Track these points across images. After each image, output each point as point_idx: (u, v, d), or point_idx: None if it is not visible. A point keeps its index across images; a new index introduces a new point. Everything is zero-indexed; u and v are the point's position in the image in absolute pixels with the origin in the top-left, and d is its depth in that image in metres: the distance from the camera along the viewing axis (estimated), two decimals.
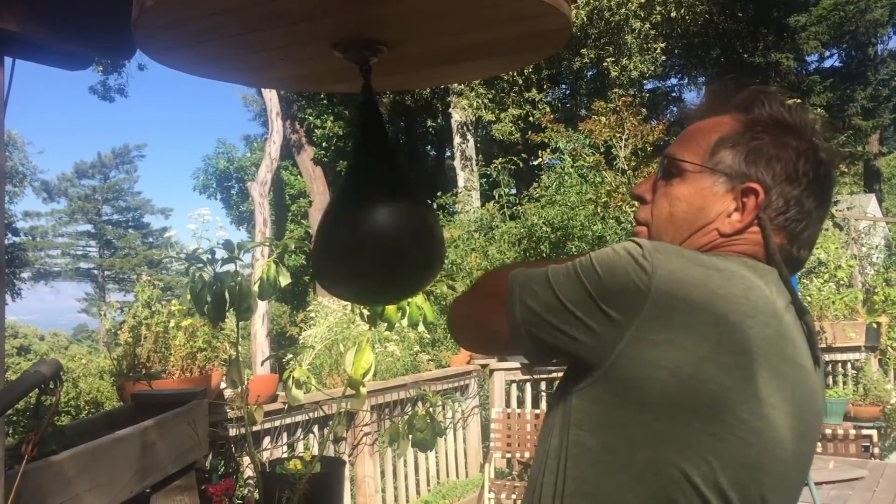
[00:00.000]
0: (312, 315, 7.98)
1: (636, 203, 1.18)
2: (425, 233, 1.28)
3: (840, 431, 5.36)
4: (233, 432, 4.03)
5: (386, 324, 3.55)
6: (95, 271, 45.35)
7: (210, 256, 3.27)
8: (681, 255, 0.98)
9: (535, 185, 10.31)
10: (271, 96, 13.80)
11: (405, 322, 3.51)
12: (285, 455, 4.45)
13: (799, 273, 1.21)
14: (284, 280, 3.41)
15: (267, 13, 1.02)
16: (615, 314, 0.94)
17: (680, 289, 0.93)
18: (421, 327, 3.57)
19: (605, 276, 0.95)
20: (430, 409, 3.98)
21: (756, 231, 1.06)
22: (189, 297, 3.27)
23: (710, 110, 1.15)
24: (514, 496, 5.14)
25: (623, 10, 14.22)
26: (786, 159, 1.06)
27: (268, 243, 5.72)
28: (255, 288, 3.40)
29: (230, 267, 3.31)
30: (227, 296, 3.24)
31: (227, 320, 3.53)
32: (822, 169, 1.07)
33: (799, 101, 1.15)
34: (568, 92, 18.85)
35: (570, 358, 1.00)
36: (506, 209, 10.63)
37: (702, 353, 0.92)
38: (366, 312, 3.51)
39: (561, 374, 1.09)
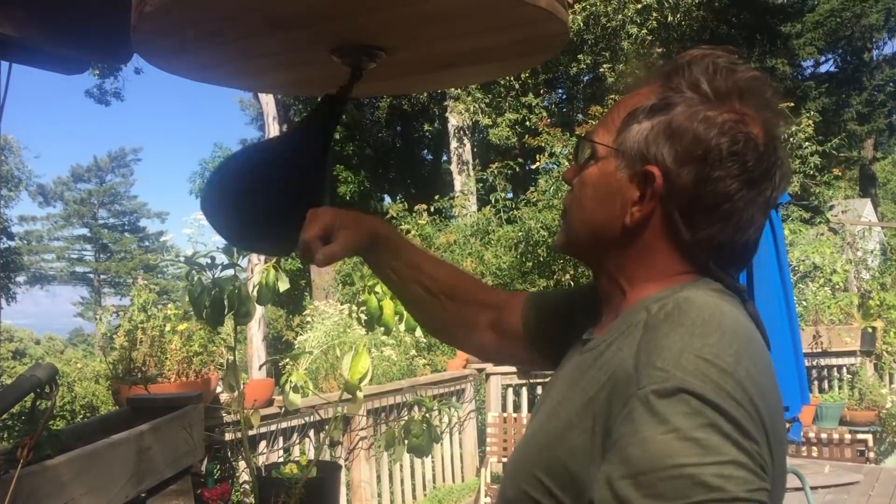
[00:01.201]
0: (308, 319, 7.98)
1: None
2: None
3: (835, 436, 5.37)
4: (228, 436, 4.03)
5: (383, 328, 3.56)
6: (91, 275, 45.29)
7: (210, 261, 3.27)
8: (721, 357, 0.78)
9: (532, 189, 10.32)
10: (268, 100, 13.80)
11: (402, 327, 3.51)
12: (281, 459, 4.45)
13: (794, 277, 1.05)
14: (283, 285, 3.42)
15: (265, 19, 1.02)
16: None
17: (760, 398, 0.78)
18: (418, 332, 3.58)
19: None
20: (427, 415, 3.99)
21: (664, 227, 0.91)
22: (187, 300, 3.27)
23: (641, 81, 0.98)
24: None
25: (619, 15, 14.26)
26: (696, 134, 0.88)
27: None
28: (254, 293, 3.41)
29: (229, 272, 3.31)
30: (225, 300, 3.24)
31: (223, 325, 3.53)
32: (749, 143, 0.88)
33: (738, 55, 0.93)
34: (564, 97, 18.88)
35: None
36: (502, 214, 10.64)
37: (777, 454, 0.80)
38: (363, 317, 3.51)
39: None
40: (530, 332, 1.25)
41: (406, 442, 3.77)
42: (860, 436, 5.40)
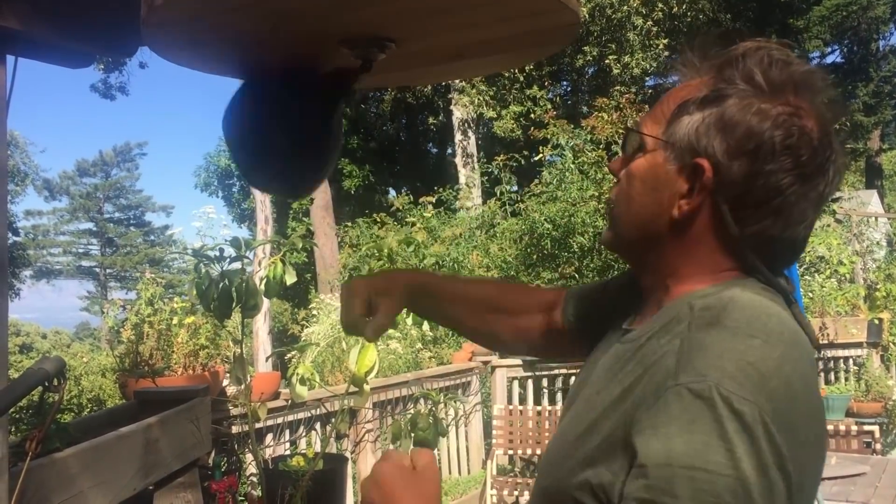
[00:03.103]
0: (314, 312, 7.99)
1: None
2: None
3: (842, 427, 5.36)
4: (235, 429, 4.04)
5: None
6: (97, 269, 45.42)
7: (218, 253, 3.27)
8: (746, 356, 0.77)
9: (537, 181, 10.31)
10: None
11: (409, 321, 3.52)
12: (288, 452, 4.46)
13: (800, 269, 1.00)
14: (290, 278, 3.42)
15: (275, 10, 1.02)
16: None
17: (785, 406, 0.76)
18: (425, 325, 3.58)
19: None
20: (433, 408, 3.99)
21: (713, 221, 0.89)
22: (195, 293, 3.27)
23: (693, 69, 0.95)
24: (516, 492, 5.15)
25: (625, 6, 14.21)
26: (749, 126, 0.85)
27: (274, 241, 5.71)
28: (262, 286, 3.41)
29: (237, 265, 3.32)
30: (233, 293, 3.24)
31: (231, 318, 3.54)
32: (803, 137, 0.86)
33: (794, 49, 0.93)
34: (569, 89, 18.84)
35: None
36: (507, 206, 10.63)
37: (811, 460, 0.80)
38: None
39: (563, 370, 1.05)
40: (571, 325, 1.25)
41: (412, 435, 3.78)
42: (867, 427, 5.38)
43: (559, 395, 6.53)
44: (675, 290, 0.93)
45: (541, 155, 10.89)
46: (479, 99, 14.87)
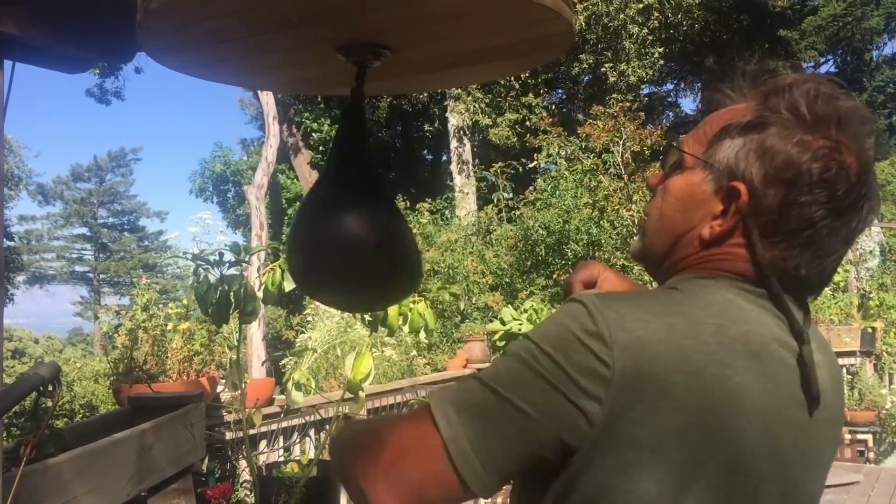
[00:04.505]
0: (309, 319, 7.98)
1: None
2: (395, 239, 1.27)
3: None
4: (229, 435, 4.03)
5: (386, 329, 3.56)
6: (90, 275, 45.28)
7: (217, 258, 3.27)
8: (637, 306, 0.84)
9: (532, 188, 10.33)
10: (268, 100, 13.81)
11: (406, 328, 3.52)
12: (282, 458, 4.45)
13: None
14: (289, 285, 3.42)
15: (272, 16, 1.03)
16: (592, 388, 0.79)
17: (646, 351, 0.80)
18: (421, 333, 3.58)
19: (559, 358, 0.80)
20: None
21: (743, 242, 0.90)
22: (193, 297, 3.27)
23: (740, 95, 0.97)
24: (508, 500, 5.14)
25: (621, 15, 14.27)
26: (788, 156, 0.87)
27: (273, 247, 5.71)
28: (259, 291, 3.40)
29: (235, 270, 3.31)
30: (232, 298, 3.23)
31: (228, 322, 3.53)
32: (841, 172, 0.87)
33: (842, 86, 0.93)
34: (565, 96, 18.89)
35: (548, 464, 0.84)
36: (503, 213, 10.64)
37: (682, 424, 0.80)
38: (367, 318, 3.51)
39: None
40: None
41: None
42: (860, 436, 5.41)
43: None
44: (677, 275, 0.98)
45: (535, 162, 10.92)
46: (474, 106, 14.90)
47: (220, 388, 4.17)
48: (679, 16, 15.10)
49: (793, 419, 0.87)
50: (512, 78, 14.31)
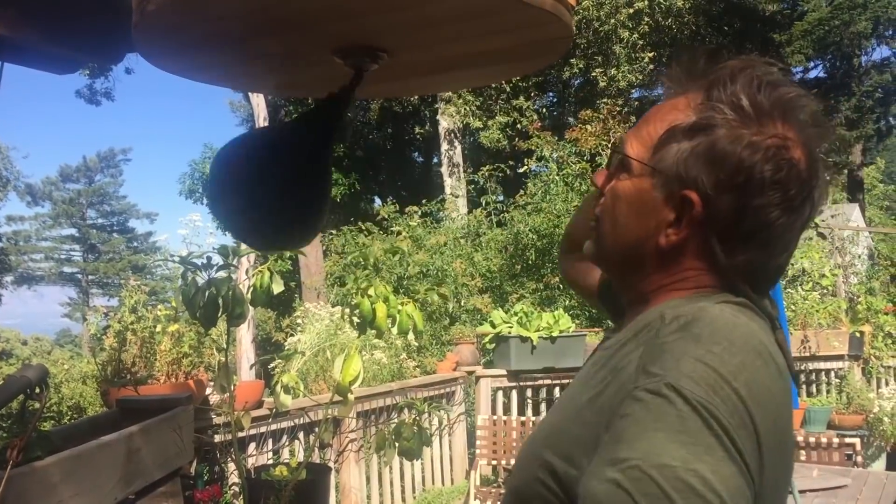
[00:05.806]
0: (299, 321, 7.95)
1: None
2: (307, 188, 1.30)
3: (823, 440, 5.39)
4: (218, 438, 4.01)
5: (375, 331, 3.55)
6: (79, 276, 45.04)
7: (206, 261, 3.26)
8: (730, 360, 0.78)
9: (522, 192, 10.33)
10: (258, 102, 13.76)
11: (395, 330, 3.51)
12: (271, 461, 4.43)
13: (783, 282, 0.99)
14: (278, 287, 3.41)
15: (267, 19, 1.02)
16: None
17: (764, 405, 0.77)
18: (410, 335, 3.58)
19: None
20: (417, 418, 3.98)
21: (702, 250, 0.89)
22: (181, 300, 3.25)
23: (679, 84, 0.94)
24: (499, 503, 5.14)
25: (612, 20, 14.30)
26: (739, 160, 0.85)
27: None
28: (248, 294, 3.39)
29: (224, 273, 3.30)
30: (220, 301, 3.22)
31: (217, 325, 3.52)
32: (792, 171, 0.86)
33: (780, 68, 0.91)
34: (555, 100, 18.92)
35: None
36: (493, 216, 10.64)
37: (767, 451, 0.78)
38: (356, 320, 3.51)
39: (547, 381, 1.05)
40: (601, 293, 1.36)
41: (396, 445, 3.77)
42: (848, 440, 5.41)
43: (543, 406, 6.53)
44: (655, 302, 0.94)
45: (525, 167, 10.92)
46: (465, 109, 14.91)
47: (208, 391, 4.15)
48: (669, 20, 15.14)
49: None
50: (503, 81, 14.32)
